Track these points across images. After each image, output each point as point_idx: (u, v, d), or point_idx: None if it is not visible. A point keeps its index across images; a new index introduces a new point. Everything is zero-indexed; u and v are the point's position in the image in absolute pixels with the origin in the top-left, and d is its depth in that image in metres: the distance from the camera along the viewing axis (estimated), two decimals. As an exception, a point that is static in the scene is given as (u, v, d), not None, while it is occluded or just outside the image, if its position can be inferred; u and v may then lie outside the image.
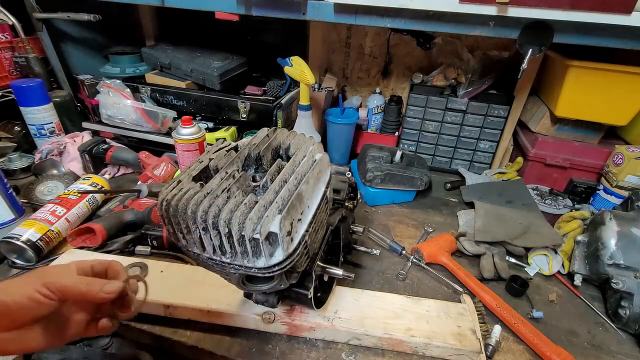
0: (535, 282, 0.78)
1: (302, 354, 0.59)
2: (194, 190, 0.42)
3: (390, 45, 1.22)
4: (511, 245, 0.81)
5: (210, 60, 1.14)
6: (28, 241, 0.69)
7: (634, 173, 0.89)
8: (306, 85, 1.03)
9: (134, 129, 1.08)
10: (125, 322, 0.62)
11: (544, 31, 0.71)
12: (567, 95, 0.92)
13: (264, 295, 0.55)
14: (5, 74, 1.07)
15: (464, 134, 1.16)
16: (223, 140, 0.55)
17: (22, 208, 0.81)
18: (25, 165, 1.02)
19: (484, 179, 1.12)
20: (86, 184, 0.85)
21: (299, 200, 0.43)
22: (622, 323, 0.67)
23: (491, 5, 0.69)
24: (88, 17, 1.03)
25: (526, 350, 0.62)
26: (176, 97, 1.15)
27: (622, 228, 0.72)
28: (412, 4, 0.73)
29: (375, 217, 0.96)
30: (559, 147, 1.04)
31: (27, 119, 1.03)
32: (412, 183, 0.98)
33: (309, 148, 0.52)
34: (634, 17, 0.64)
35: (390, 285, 0.74)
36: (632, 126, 0.98)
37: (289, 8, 0.83)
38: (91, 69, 1.25)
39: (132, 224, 0.80)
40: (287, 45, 1.20)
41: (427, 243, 0.83)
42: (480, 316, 0.65)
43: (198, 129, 0.92)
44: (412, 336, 0.58)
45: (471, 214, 0.93)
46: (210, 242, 0.42)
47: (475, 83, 1.07)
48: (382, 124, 1.26)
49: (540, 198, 1.02)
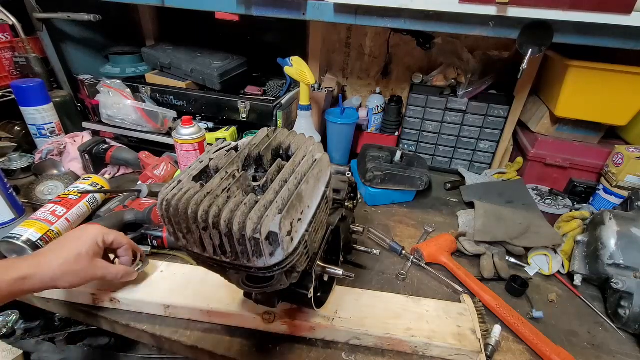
0: (535, 282, 0.78)
1: (302, 354, 0.59)
2: (194, 190, 0.42)
3: (390, 45, 1.22)
4: (511, 245, 0.81)
5: (210, 60, 1.14)
6: (28, 241, 0.69)
7: (634, 173, 0.89)
8: (306, 85, 1.03)
9: (134, 129, 1.09)
10: (125, 322, 0.62)
11: (543, 31, 0.71)
12: (567, 95, 0.92)
13: (264, 295, 0.55)
14: (5, 74, 1.07)
15: (464, 134, 1.16)
16: (223, 140, 0.55)
17: (22, 208, 0.81)
18: (25, 165, 1.02)
19: (484, 179, 1.12)
20: (86, 184, 0.85)
21: (299, 200, 0.43)
22: (622, 323, 0.67)
23: (491, 5, 0.69)
24: (88, 17, 1.03)
25: (526, 350, 0.62)
26: (176, 97, 1.15)
27: (622, 228, 0.72)
28: (412, 4, 0.73)
29: (375, 217, 0.96)
30: (559, 147, 1.04)
31: (27, 119, 1.03)
32: (412, 183, 0.98)
33: (309, 148, 0.52)
34: (634, 17, 0.64)
35: (390, 285, 0.74)
36: (632, 126, 0.98)
37: (289, 8, 0.83)
38: (91, 69, 1.25)
39: (132, 224, 0.80)
40: (287, 45, 1.20)
41: (427, 243, 0.83)
42: (480, 316, 0.65)
43: (198, 129, 0.92)
44: (412, 336, 0.58)
45: (471, 214, 0.93)
46: (211, 241, 0.42)
47: (475, 83, 1.07)
48: (382, 124, 1.26)
49: (540, 198, 1.02)
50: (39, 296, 0.66)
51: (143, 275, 0.67)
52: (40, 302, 0.68)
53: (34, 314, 1.06)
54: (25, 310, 1.05)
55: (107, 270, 0.58)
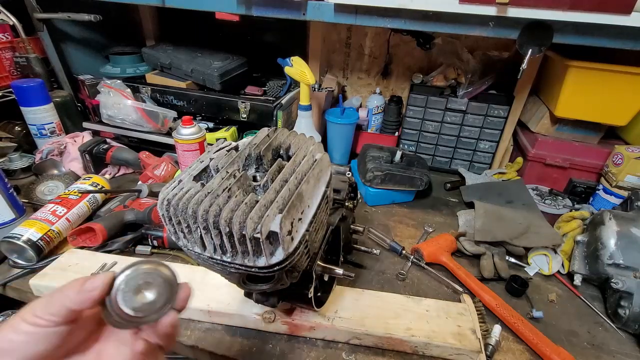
0: (535, 282, 0.78)
1: (302, 353, 0.59)
2: (194, 190, 0.42)
3: (390, 45, 1.23)
4: (511, 245, 0.81)
5: (210, 60, 1.14)
6: (29, 241, 0.69)
7: (634, 173, 0.89)
8: (306, 85, 1.03)
9: (134, 129, 1.09)
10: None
11: (543, 31, 0.71)
12: (566, 95, 0.93)
13: (265, 295, 0.55)
14: (5, 74, 1.07)
15: (464, 134, 1.16)
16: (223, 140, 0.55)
17: (22, 208, 0.81)
18: (25, 165, 1.02)
19: (484, 179, 1.12)
20: (86, 183, 0.85)
21: (300, 199, 0.43)
22: (622, 323, 0.67)
23: (491, 6, 0.69)
24: (88, 17, 1.03)
25: (526, 350, 0.62)
26: (176, 97, 1.15)
27: (622, 228, 0.72)
28: (412, 4, 0.73)
29: (375, 217, 0.96)
30: (558, 147, 1.04)
31: (27, 119, 1.03)
32: (412, 183, 0.98)
33: (309, 148, 0.52)
34: (633, 17, 0.64)
35: (390, 285, 0.74)
36: (631, 126, 0.98)
37: (289, 8, 0.83)
38: (92, 69, 1.25)
39: (132, 223, 0.80)
40: (287, 45, 1.20)
41: (427, 243, 0.83)
42: (480, 316, 0.65)
43: (198, 129, 0.92)
44: (412, 336, 0.58)
45: (471, 214, 0.93)
46: (211, 241, 0.42)
47: (475, 83, 1.07)
48: (382, 124, 1.26)
49: (540, 198, 1.02)
50: (39, 296, 0.66)
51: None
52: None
53: (34, 314, 1.06)
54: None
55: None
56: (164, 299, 0.31)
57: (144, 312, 0.30)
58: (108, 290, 0.30)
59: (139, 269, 0.31)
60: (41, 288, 0.65)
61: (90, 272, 0.66)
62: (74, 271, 0.66)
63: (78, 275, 0.65)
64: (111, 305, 0.29)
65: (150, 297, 0.31)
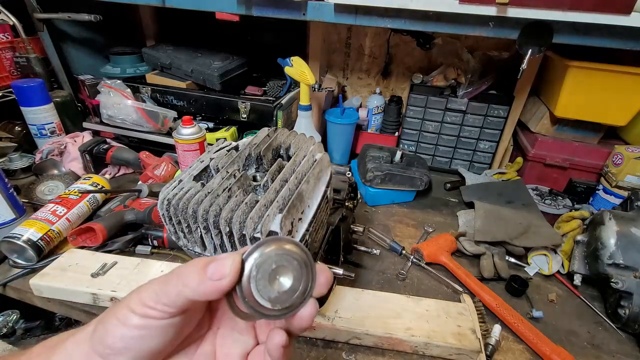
0: (535, 282, 0.78)
1: (302, 353, 0.59)
2: (195, 190, 0.42)
3: (390, 45, 1.23)
4: (511, 245, 0.81)
5: (210, 60, 1.15)
6: (29, 241, 0.69)
7: (634, 173, 0.89)
8: (306, 85, 1.03)
9: (134, 129, 1.09)
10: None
11: (543, 31, 0.71)
12: (566, 95, 0.93)
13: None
14: (6, 74, 1.07)
15: (464, 134, 1.16)
16: (223, 140, 0.55)
17: (22, 208, 0.81)
18: (25, 165, 1.02)
19: (483, 179, 1.12)
20: (87, 183, 0.85)
21: (300, 199, 0.44)
22: (622, 323, 0.67)
23: (491, 6, 0.69)
24: (89, 17, 1.03)
25: (526, 349, 0.62)
26: (176, 97, 1.15)
27: (622, 228, 0.72)
28: (412, 4, 0.73)
29: (375, 217, 0.96)
30: (558, 147, 1.04)
31: (27, 119, 1.03)
32: (412, 183, 0.98)
33: (309, 148, 0.52)
34: (633, 17, 0.64)
35: (390, 285, 0.74)
36: (631, 126, 0.98)
37: (289, 8, 0.83)
38: (92, 69, 1.25)
39: (132, 223, 0.80)
40: (287, 45, 1.20)
41: (427, 243, 0.83)
42: (480, 316, 0.65)
43: (198, 129, 0.92)
44: (412, 335, 0.58)
45: (471, 214, 0.93)
46: (211, 241, 0.42)
47: (475, 83, 1.07)
48: (382, 124, 1.26)
49: (540, 198, 1.02)
50: (39, 296, 0.66)
51: (144, 275, 0.67)
52: (40, 302, 0.67)
53: (34, 314, 1.06)
54: (25, 310, 1.05)
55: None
56: (303, 285, 0.25)
57: (281, 303, 0.24)
58: (238, 278, 0.24)
59: (268, 250, 0.25)
60: (41, 288, 0.65)
61: (90, 272, 0.66)
62: (74, 271, 0.66)
63: (78, 275, 0.65)
64: (243, 295, 0.24)
65: (287, 284, 0.25)
